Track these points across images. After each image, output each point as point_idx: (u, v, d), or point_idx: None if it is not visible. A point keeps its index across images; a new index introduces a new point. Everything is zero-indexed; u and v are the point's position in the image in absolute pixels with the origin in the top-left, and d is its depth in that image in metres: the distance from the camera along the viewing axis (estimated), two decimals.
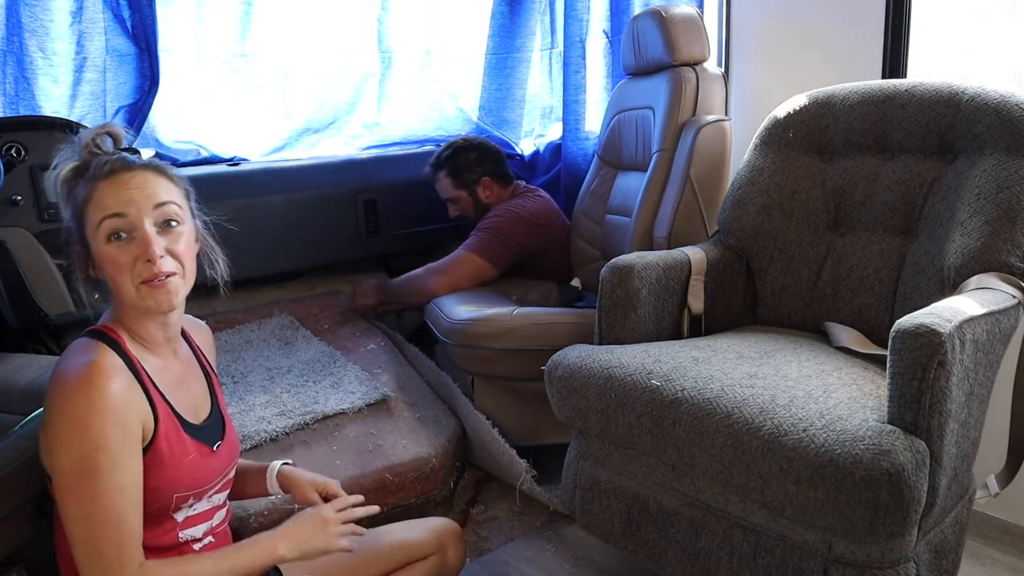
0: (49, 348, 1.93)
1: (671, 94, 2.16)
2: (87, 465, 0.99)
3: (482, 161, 2.43)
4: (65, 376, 1.01)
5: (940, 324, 1.15)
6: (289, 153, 2.46)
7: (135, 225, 1.04)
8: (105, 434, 0.99)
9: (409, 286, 2.33)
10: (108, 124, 1.12)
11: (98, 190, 1.04)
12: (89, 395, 0.99)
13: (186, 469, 1.10)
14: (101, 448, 0.99)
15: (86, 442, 0.98)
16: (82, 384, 1.00)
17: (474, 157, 2.42)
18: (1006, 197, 1.44)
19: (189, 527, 1.15)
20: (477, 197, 2.44)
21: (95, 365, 1.01)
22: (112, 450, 1.00)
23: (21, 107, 1.94)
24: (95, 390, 0.99)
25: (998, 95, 1.55)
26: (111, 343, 1.06)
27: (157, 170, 1.09)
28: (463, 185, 2.43)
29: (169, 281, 1.06)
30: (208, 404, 1.21)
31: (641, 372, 1.43)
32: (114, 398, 1.00)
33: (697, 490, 1.36)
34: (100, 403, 0.99)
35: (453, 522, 1.44)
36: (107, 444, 0.99)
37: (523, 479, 1.88)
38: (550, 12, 2.71)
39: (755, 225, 1.80)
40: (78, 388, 1.00)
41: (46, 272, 1.79)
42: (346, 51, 2.48)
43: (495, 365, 2.03)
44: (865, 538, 1.15)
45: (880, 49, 2.05)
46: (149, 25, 2.00)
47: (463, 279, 2.27)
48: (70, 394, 1.00)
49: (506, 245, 2.32)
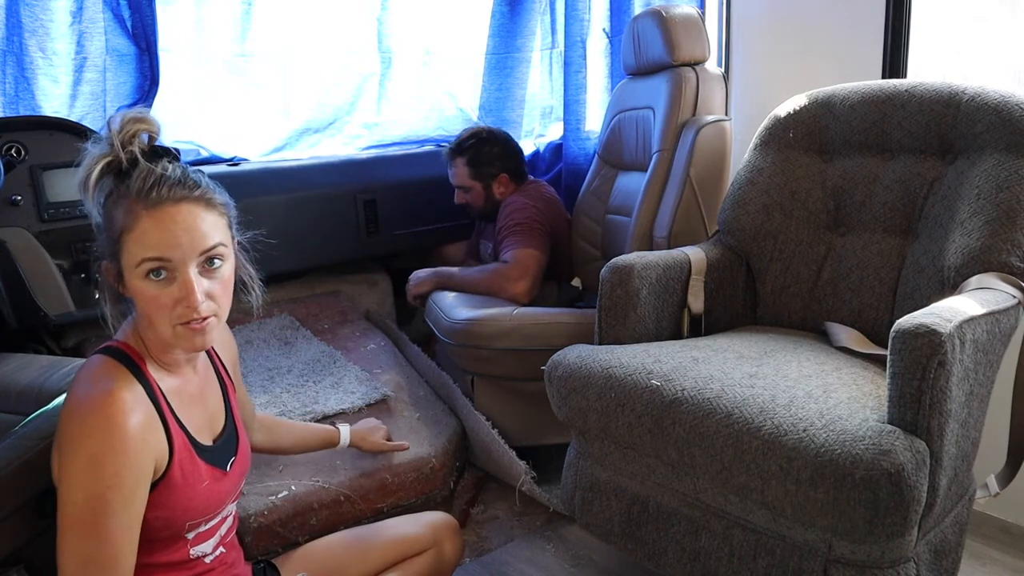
0: (49, 348, 1.94)
1: (671, 94, 2.16)
2: (97, 505, 0.96)
3: (503, 157, 2.42)
4: (83, 406, 0.98)
5: (940, 324, 1.15)
6: (289, 153, 2.46)
7: (178, 268, 1.00)
8: (119, 475, 0.97)
9: (483, 289, 2.24)
10: (140, 115, 1.04)
11: (141, 222, 0.99)
12: (107, 434, 0.96)
13: (199, 497, 1.09)
14: (114, 488, 0.97)
15: (100, 483, 0.96)
16: (101, 421, 0.96)
17: (497, 151, 2.41)
18: (1006, 197, 1.44)
19: (199, 543, 1.14)
20: (491, 191, 2.43)
21: (115, 398, 0.98)
22: (124, 488, 0.98)
23: (21, 107, 1.94)
24: (115, 429, 0.96)
25: (998, 95, 1.55)
26: (131, 364, 1.03)
27: (206, 203, 1.03)
28: (480, 177, 2.42)
29: (207, 323, 1.02)
30: (223, 414, 1.19)
31: (641, 372, 1.43)
32: (133, 439, 0.98)
33: (697, 490, 1.36)
34: (119, 444, 0.96)
35: (450, 516, 1.44)
36: (120, 484, 0.97)
37: (522, 480, 1.88)
38: (550, 12, 2.71)
39: (755, 225, 1.80)
40: (96, 425, 0.96)
41: (46, 272, 1.79)
42: (346, 51, 2.48)
43: (495, 365, 2.03)
44: (865, 538, 1.15)
45: (880, 49, 2.05)
46: (149, 25, 2.00)
47: (536, 276, 2.25)
48: (87, 431, 0.96)
49: (541, 231, 2.32)
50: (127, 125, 1.02)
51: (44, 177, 1.81)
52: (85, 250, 1.84)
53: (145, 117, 1.04)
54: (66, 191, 1.83)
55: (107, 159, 1.02)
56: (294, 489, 1.62)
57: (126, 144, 1.02)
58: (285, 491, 1.61)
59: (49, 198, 1.81)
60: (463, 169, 2.42)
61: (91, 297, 1.86)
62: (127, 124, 1.02)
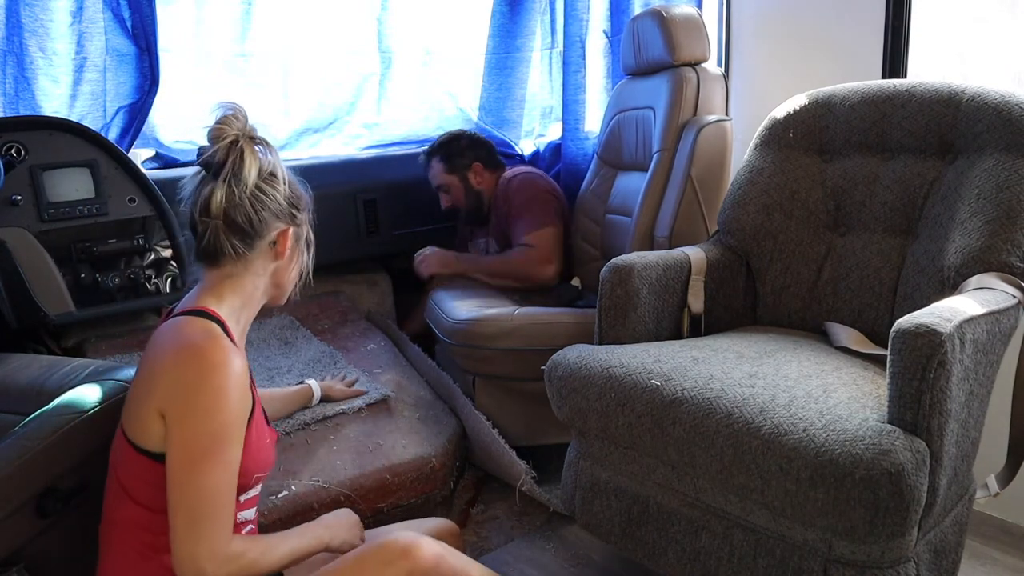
0: (49, 348, 1.93)
1: (672, 94, 2.16)
2: (224, 434, 1.09)
3: (473, 147, 2.48)
4: (196, 350, 1.10)
5: (940, 324, 1.15)
6: (289, 153, 2.45)
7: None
8: (235, 409, 1.10)
9: (507, 271, 2.32)
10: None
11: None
12: (226, 370, 1.09)
13: (266, 451, 1.23)
14: (231, 423, 1.10)
15: (224, 413, 1.09)
16: (218, 359, 1.09)
17: (465, 143, 2.48)
18: (1006, 197, 1.44)
19: (245, 509, 1.22)
20: (468, 183, 2.47)
21: (224, 344, 1.12)
22: (238, 424, 1.11)
23: (21, 107, 1.93)
24: (230, 366, 1.10)
25: (998, 95, 1.55)
26: (220, 326, 1.15)
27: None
28: (455, 170, 2.46)
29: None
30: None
31: (641, 372, 1.43)
32: (241, 378, 1.12)
33: (697, 490, 1.36)
34: (233, 379, 1.10)
35: (451, 522, 1.44)
36: (236, 419, 1.11)
37: (523, 480, 1.88)
38: (550, 12, 2.71)
39: (755, 225, 1.80)
40: (215, 362, 1.09)
41: (46, 272, 1.79)
42: (346, 51, 2.47)
43: (496, 365, 2.03)
44: (865, 538, 1.15)
45: (880, 49, 2.05)
46: (149, 25, 2.00)
47: (561, 254, 2.35)
48: (208, 368, 1.08)
49: (552, 204, 2.38)
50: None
51: (44, 177, 1.81)
52: (85, 250, 1.84)
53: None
54: (66, 191, 1.83)
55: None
56: (294, 489, 1.62)
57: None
58: (285, 491, 1.61)
59: (49, 198, 1.81)
60: (438, 167, 2.47)
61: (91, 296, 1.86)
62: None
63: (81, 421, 1.29)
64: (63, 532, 1.28)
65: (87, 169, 1.86)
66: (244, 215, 1.17)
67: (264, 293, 1.26)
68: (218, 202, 1.16)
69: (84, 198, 1.85)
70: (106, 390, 1.37)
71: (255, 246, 1.20)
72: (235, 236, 1.18)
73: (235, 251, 1.18)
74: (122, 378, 1.43)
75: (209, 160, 1.18)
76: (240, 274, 1.20)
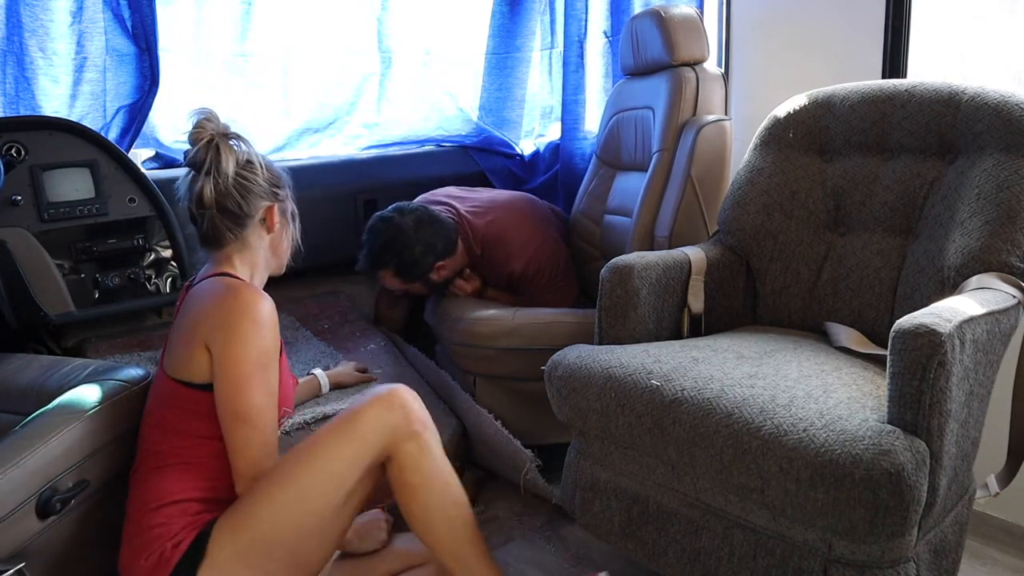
0: (49, 348, 1.93)
1: (671, 94, 2.16)
2: (261, 360, 1.27)
3: (428, 251, 2.13)
4: (232, 293, 1.30)
5: (940, 324, 1.15)
6: (289, 153, 2.45)
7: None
8: (270, 338, 1.29)
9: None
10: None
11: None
12: (259, 306, 1.29)
13: (289, 390, 1.44)
14: (268, 351, 1.28)
15: (262, 341, 1.27)
16: (254, 298, 1.29)
17: (419, 251, 2.12)
18: (1006, 197, 1.44)
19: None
20: (432, 282, 2.20)
21: (255, 287, 1.35)
22: (272, 354, 1.30)
23: (21, 107, 1.94)
24: (263, 303, 1.30)
25: (998, 95, 1.55)
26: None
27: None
28: (414, 279, 2.18)
29: None
30: None
31: (641, 372, 1.43)
32: (272, 315, 1.31)
33: (697, 490, 1.36)
34: (267, 314, 1.29)
35: None
36: (271, 347, 1.29)
37: (527, 468, 1.87)
38: (550, 12, 2.71)
39: (755, 225, 1.80)
40: (250, 300, 1.29)
41: (46, 272, 1.79)
42: (346, 51, 2.47)
43: (496, 365, 2.03)
44: (865, 538, 1.15)
45: (880, 49, 2.05)
46: (149, 25, 2.00)
47: (575, 288, 2.37)
48: (244, 304, 1.28)
49: (560, 258, 2.31)
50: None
51: (44, 177, 1.81)
52: (85, 250, 1.84)
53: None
54: (66, 191, 1.83)
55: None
56: None
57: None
58: None
59: (49, 198, 1.81)
60: (394, 280, 2.20)
61: (91, 296, 1.86)
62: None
63: (81, 421, 1.29)
64: (63, 532, 1.29)
65: (87, 169, 1.86)
66: (234, 201, 1.36)
67: (266, 263, 1.45)
68: (208, 194, 1.34)
69: (84, 198, 1.85)
70: (106, 390, 1.37)
71: (248, 225, 1.39)
72: (229, 220, 1.37)
73: (232, 233, 1.38)
74: (122, 378, 1.43)
75: (193, 159, 1.36)
76: (242, 250, 1.40)
